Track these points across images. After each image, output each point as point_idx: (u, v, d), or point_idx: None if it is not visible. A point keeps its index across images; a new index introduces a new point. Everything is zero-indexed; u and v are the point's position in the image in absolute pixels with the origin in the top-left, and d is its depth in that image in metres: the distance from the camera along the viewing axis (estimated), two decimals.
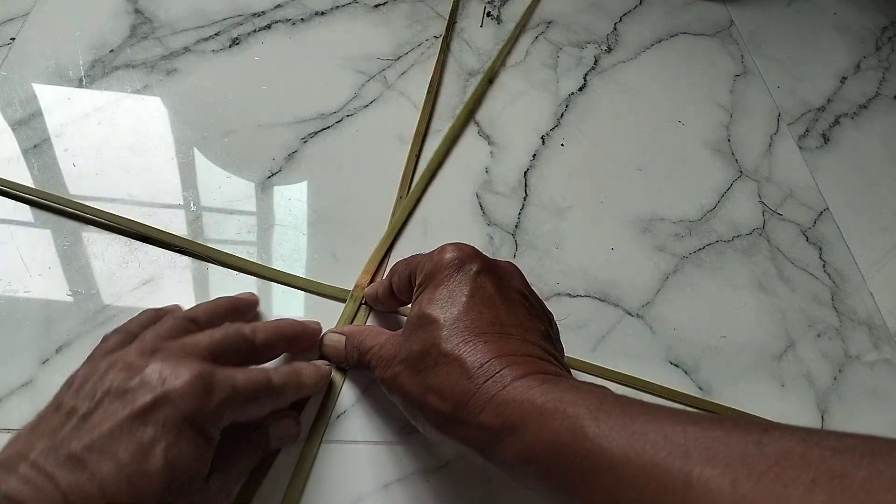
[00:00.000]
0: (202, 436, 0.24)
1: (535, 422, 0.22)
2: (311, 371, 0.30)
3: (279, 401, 0.28)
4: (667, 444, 0.19)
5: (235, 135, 0.43)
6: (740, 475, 0.17)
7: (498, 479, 0.32)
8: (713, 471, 0.18)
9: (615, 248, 0.43)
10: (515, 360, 0.24)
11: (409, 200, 0.41)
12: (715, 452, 0.18)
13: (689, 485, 0.18)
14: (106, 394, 0.24)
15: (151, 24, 0.47)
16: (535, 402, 0.22)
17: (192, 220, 0.38)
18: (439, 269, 0.28)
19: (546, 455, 0.22)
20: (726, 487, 0.17)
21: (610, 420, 0.21)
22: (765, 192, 0.49)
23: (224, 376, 0.25)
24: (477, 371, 0.24)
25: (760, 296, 0.42)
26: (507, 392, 0.23)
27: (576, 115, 0.50)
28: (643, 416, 0.21)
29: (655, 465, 0.19)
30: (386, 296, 0.33)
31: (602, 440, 0.20)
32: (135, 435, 0.23)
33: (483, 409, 0.23)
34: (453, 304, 0.26)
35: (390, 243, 0.40)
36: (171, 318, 0.29)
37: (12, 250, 0.35)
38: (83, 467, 0.22)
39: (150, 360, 0.25)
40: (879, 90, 0.59)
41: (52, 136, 0.40)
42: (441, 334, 0.25)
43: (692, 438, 0.19)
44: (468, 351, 0.25)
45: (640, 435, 0.20)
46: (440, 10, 0.55)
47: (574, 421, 0.21)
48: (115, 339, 0.28)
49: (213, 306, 0.31)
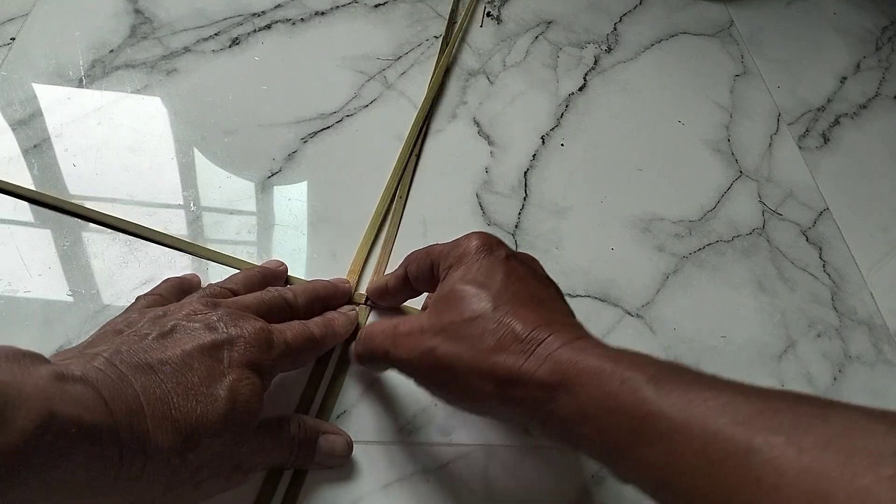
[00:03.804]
0: (260, 380, 0.26)
1: (592, 382, 0.22)
2: (342, 319, 0.33)
3: (321, 350, 0.31)
4: (728, 411, 0.19)
5: (235, 135, 0.43)
6: (805, 443, 0.17)
7: (498, 479, 0.32)
8: (777, 438, 0.17)
9: (615, 248, 0.43)
10: (562, 327, 0.25)
11: (384, 199, 0.41)
12: (779, 421, 0.18)
13: (752, 450, 0.18)
14: (175, 327, 0.26)
15: (151, 24, 0.47)
16: (591, 363, 0.23)
17: (192, 220, 0.38)
18: (468, 253, 0.28)
19: (602, 416, 0.22)
20: (791, 454, 0.17)
21: (669, 384, 0.21)
22: (765, 192, 0.49)
23: (279, 332, 0.28)
24: (528, 335, 0.25)
25: (760, 296, 0.42)
26: (560, 353, 0.24)
27: (576, 115, 0.50)
28: (702, 383, 0.21)
29: (717, 430, 0.19)
30: (398, 286, 0.33)
31: (662, 403, 0.20)
32: (205, 363, 0.25)
33: (538, 367, 0.24)
34: (492, 280, 0.27)
35: (371, 243, 0.39)
36: (212, 286, 0.31)
37: (12, 250, 0.35)
38: (154, 373, 0.24)
39: (215, 310, 0.27)
40: (879, 90, 0.59)
41: (52, 136, 0.40)
42: (487, 304, 0.26)
43: (754, 407, 0.19)
44: (517, 318, 0.25)
45: (700, 401, 0.20)
46: (440, 10, 0.55)
47: (632, 383, 0.21)
48: (152, 298, 0.30)
49: (247, 276, 0.33)
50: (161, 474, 0.23)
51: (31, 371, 0.21)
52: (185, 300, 0.29)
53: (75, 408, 0.20)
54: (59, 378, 0.21)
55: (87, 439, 0.21)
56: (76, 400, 0.21)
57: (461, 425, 0.33)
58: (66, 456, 0.20)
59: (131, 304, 0.31)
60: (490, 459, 0.33)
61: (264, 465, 0.28)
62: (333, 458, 0.30)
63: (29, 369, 0.21)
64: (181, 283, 0.33)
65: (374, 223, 0.40)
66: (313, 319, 0.32)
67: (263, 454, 0.27)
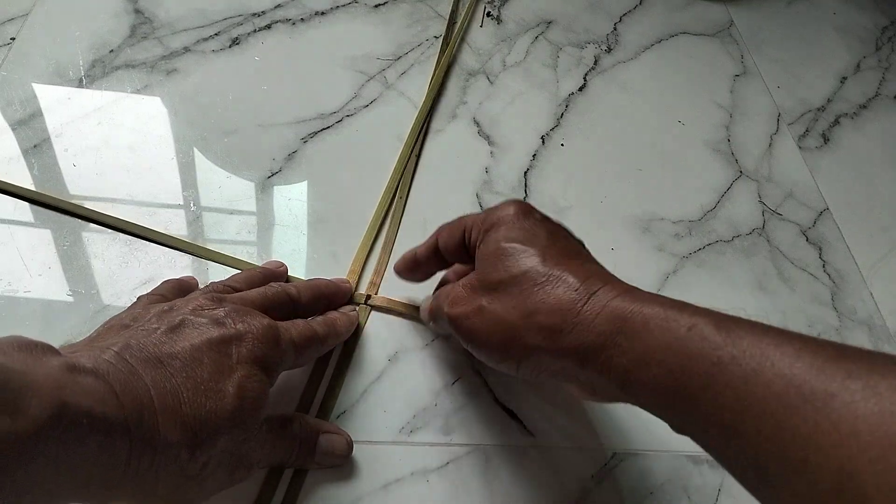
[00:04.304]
0: (267, 377, 0.26)
1: (659, 327, 0.22)
2: (343, 319, 0.33)
3: (323, 350, 0.31)
4: (802, 358, 0.19)
5: (235, 135, 0.43)
6: (882, 388, 0.17)
7: (498, 479, 0.32)
8: (855, 384, 0.17)
9: (615, 248, 0.43)
10: (613, 279, 0.25)
11: (384, 199, 0.41)
12: (855, 367, 0.18)
13: (830, 395, 0.17)
14: (183, 322, 0.26)
15: (151, 24, 0.47)
16: (653, 310, 0.23)
17: (192, 220, 0.38)
18: (505, 216, 0.29)
19: (669, 360, 0.21)
20: (870, 399, 0.17)
21: (739, 331, 0.21)
22: (765, 192, 0.49)
23: (284, 329, 0.28)
24: (581, 285, 0.25)
25: (760, 296, 0.42)
26: (618, 301, 0.24)
27: (576, 115, 0.50)
28: (770, 332, 0.20)
29: (794, 374, 0.18)
30: (428, 255, 0.33)
31: (733, 349, 0.20)
32: (214, 358, 0.25)
33: (598, 313, 0.24)
34: (536, 238, 0.27)
35: (371, 243, 0.39)
36: (215, 284, 0.31)
37: (12, 250, 0.35)
38: (164, 368, 0.24)
39: (222, 305, 0.27)
40: (879, 90, 0.59)
41: (52, 136, 0.40)
42: (536, 259, 0.26)
43: (828, 354, 0.19)
44: (567, 270, 0.25)
45: (773, 347, 0.19)
46: (440, 10, 0.55)
47: (701, 329, 0.21)
48: (154, 297, 0.30)
49: (248, 276, 0.33)
50: (169, 469, 0.23)
51: (42, 361, 0.21)
52: (189, 296, 0.29)
53: (87, 399, 0.20)
54: (71, 369, 0.21)
55: (98, 431, 0.20)
56: (87, 391, 0.21)
57: (461, 425, 0.33)
58: (76, 447, 0.20)
59: (133, 302, 0.31)
60: (490, 459, 0.33)
61: (267, 461, 0.28)
62: (334, 458, 0.30)
63: (41, 359, 0.21)
64: (180, 284, 0.33)
65: (374, 223, 0.40)
66: (316, 319, 0.32)
67: (266, 450, 0.27)
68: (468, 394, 0.35)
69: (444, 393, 0.34)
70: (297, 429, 0.29)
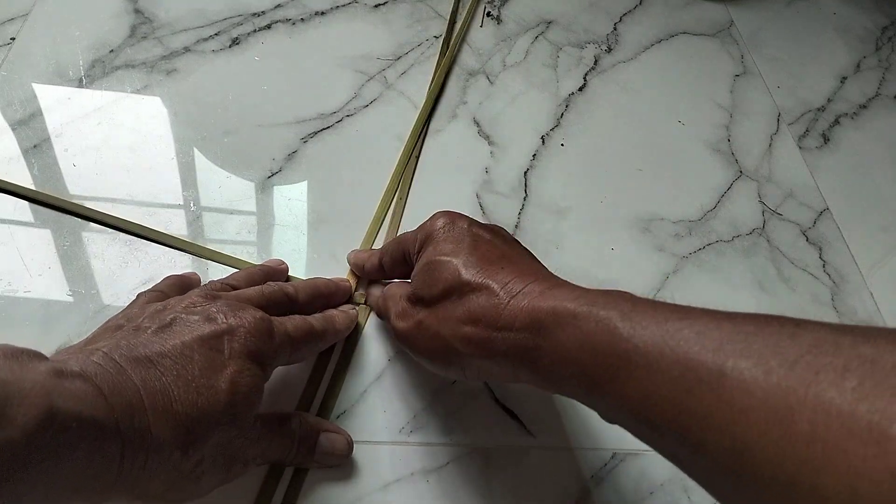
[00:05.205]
0: (261, 371, 0.26)
1: (569, 324, 0.23)
2: (342, 317, 0.33)
3: (321, 345, 0.32)
4: (700, 339, 0.19)
5: (235, 135, 0.43)
6: (773, 364, 0.17)
7: (498, 479, 0.32)
8: (746, 362, 0.18)
9: (615, 248, 0.43)
10: (536, 277, 0.26)
11: (384, 199, 0.42)
12: (748, 345, 0.18)
13: (722, 375, 0.18)
14: (174, 320, 0.26)
15: (151, 24, 0.47)
16: (567, 307, 0.23)
17: (192, 220, 0.38)
18: (434, 230, 0.30)
19: (582, 356, 0.22)
20: (759, 376, 0.17)
21: (643, 320, 0.21)
22: (765, 192, 0.49)
23: (279, 322, 0.28)
24: (502, 290, 0.25)
25: (760, 296, 0.42)
26: (537, 300, 0.24)
27: (576, 115, 0.50)
28: (675, 314, 0.21)
29: (689, 358, 0.19)
30: (373, 271, 0.35)
31: (636, 339, 0.21)
32: (205, 354, 0.25)
33: (517, 316, 0.24)
34: (460, 248, 0.28)
35: (371, 243, 0.40)
36: (213, 282, 0.31)
37: (12, 250, 0.35)
38: (154, 367, 0.23)
39: (215, 302, 0.27)
40: (879, 90, 0.59)
41: (52, 136, 0.40)
42: (459, 269, 0.27)
43: (726, 333, 0.19)
44: (488, 276, 0.26)
45: (673, 332, 0.20)
46: (440, 10, 0.55)
47: (607, 323, 0.22)
48: (153, 295, 0.30)
49: (248, 274, 0.34)
50: (163, 468, 0.23)
51: (29, 368, 0.21)
52: (184, 294, 0.29)
53: (75, 403, 0.20)
54: (58, 374, 0.21)
55: (88, 434, 0.20)
56: (76, 395, 0.21)
57: (461, 425, 0.33)
58: (67, 452, 0.20)
59: (132, 301, 0.31)
60: (490, 459, 0.33)
61: (263, 458, 0.28)
62: (333, 457, 0.30)
63: (27, 366, 0.21)
64: (181, 280, 0.33)
65: (374, 223, 0.40)
66: (313, 315, 0.32)
67: (263, 447, 0.27)
68: (468, 394, 0.35)
69: (444, 393, 0.34)
70: (296, 426, 0.29)
